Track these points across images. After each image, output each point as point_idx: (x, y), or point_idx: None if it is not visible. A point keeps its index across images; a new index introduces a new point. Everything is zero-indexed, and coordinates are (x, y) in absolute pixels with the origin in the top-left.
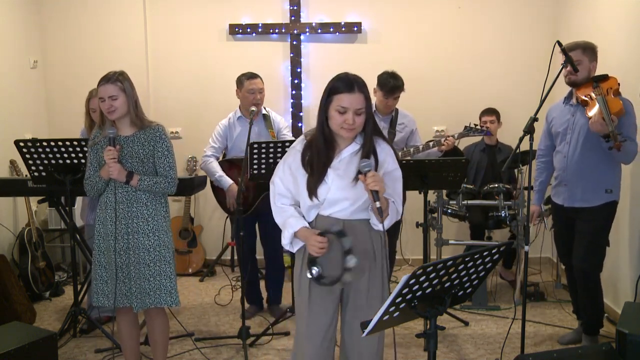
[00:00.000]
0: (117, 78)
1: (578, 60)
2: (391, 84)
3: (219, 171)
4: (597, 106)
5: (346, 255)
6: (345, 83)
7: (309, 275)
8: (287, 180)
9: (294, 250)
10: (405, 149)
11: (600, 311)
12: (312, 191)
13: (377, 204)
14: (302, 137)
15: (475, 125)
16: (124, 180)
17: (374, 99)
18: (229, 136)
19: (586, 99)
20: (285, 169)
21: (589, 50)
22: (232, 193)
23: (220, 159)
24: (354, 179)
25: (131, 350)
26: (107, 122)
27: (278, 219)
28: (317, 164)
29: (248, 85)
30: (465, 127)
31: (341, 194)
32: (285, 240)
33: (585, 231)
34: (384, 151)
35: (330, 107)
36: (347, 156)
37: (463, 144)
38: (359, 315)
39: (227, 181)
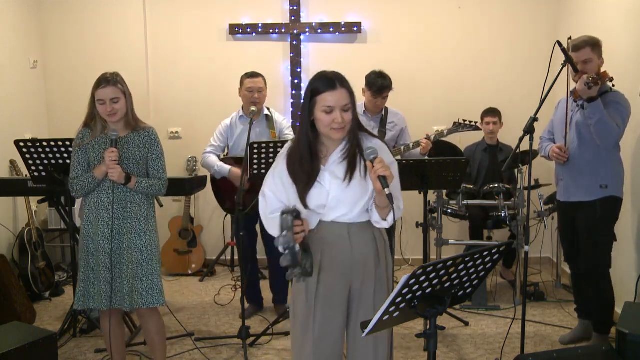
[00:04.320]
0: (117, 80)
1: (588, 59)
2: (379, 83)
3: (217, 162)
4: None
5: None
6: (325, 81)
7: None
8: (279, 192)
9: None
10: (395, 147)
11: (610, 309)
12: (303, 199)
13: (387, 190)
14: (289, 142)
15: (465, 120)
16: (123, 182)
17: (363, 99)
18: (230, 135)
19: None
20: (275, 179)
21: (597, 47)
22: (235, 176)
23: (222, 157)
24: (345, 179)
25: (119, 351)
26: (99, 122)
27: (272, 230)
28: (302, 171)
29: (247, 84)
30: (454, 123)
31: (342, 196)
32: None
33: (584, 228)
34: (376, 146)
35: (315, 110)
36: (338, 157)
37: (464, 143)
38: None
39: (226, 167)
